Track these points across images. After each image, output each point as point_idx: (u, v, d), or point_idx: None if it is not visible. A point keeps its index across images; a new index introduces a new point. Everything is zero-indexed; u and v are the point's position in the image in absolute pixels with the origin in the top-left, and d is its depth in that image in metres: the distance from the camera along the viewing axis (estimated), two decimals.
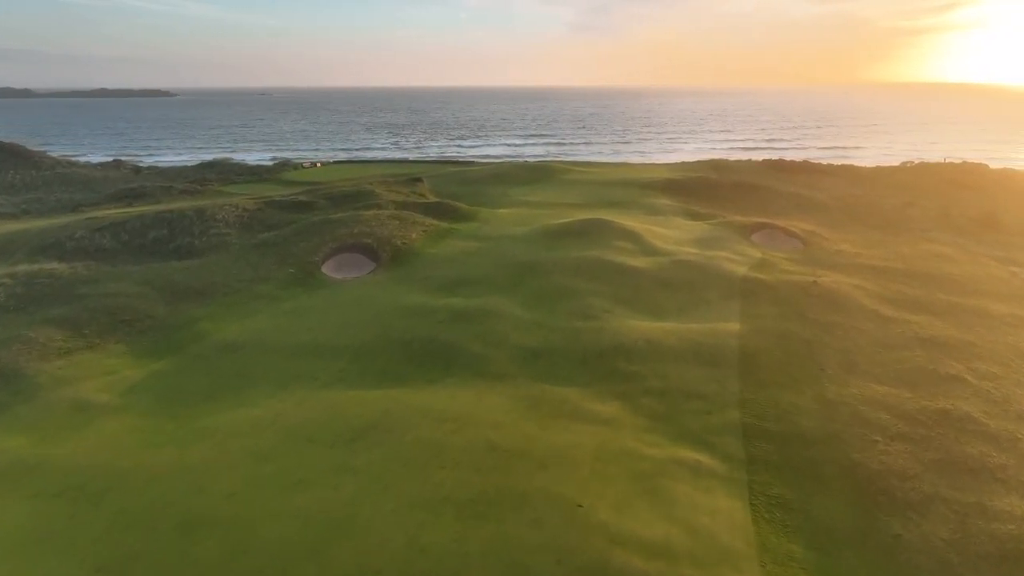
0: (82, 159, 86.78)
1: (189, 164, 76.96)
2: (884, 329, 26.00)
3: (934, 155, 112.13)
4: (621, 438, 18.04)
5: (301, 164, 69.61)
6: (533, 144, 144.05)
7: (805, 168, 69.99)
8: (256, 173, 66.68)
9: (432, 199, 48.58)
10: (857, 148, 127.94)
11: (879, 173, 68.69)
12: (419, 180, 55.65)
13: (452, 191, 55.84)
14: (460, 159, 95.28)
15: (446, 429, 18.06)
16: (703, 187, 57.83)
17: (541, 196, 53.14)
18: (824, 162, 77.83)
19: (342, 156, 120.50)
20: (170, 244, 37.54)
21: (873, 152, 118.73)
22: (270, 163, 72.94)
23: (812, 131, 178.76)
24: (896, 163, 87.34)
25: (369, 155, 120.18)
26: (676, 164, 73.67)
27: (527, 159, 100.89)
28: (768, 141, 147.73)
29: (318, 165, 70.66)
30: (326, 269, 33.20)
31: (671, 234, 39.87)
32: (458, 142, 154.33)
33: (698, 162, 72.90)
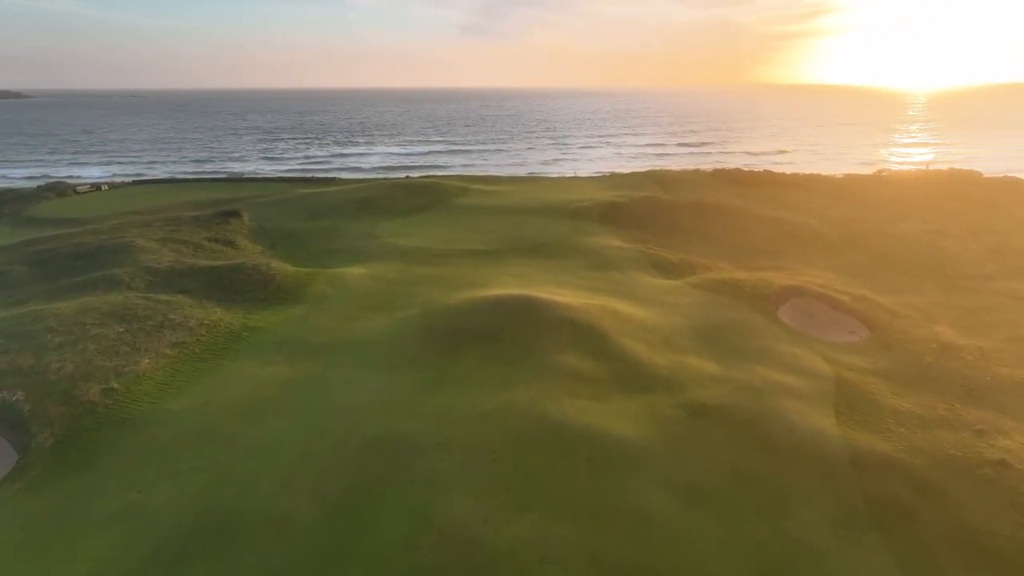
0: None
1: None
2: None
3: (860, 157, 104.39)
4: None
5: (75, 188, 47.39)
6: (422, 152, 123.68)
7: (767, 180, 55.15)
8: None
9: (239, 255, 29.06)
10: (784, 152, 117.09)
11: (855, 184, 54.86)
12: (235, 214, 35.87)
13: (289, 229, 36.44)
14: (319, 174, 72.24)
15: None
16: (654, 213, 41.31)
17: (425, 236, 34.76)
18: (760, 169, 64.61)
19: (190, 168, 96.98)
20: None
21: (806, 156, 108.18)
22: (34, 186, 49.98)
23: (728, 133, 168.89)
24: (840, 169, 77.10)
25: (227, 166, 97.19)
26: (607, 177, 56.87)
27: (412, 170, 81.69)
28: (699, 145, 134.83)
29: (104, 188, 48.76)
30: None
31: (651, 320, 22.51)
32: (335, 149, 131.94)
33: (634, 174, 56.43)
